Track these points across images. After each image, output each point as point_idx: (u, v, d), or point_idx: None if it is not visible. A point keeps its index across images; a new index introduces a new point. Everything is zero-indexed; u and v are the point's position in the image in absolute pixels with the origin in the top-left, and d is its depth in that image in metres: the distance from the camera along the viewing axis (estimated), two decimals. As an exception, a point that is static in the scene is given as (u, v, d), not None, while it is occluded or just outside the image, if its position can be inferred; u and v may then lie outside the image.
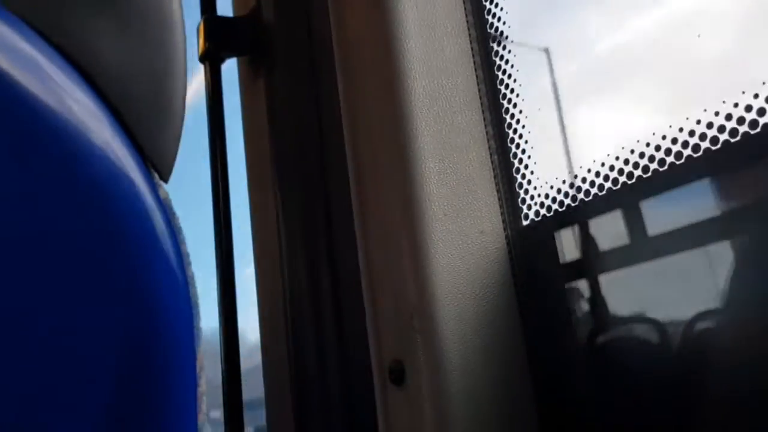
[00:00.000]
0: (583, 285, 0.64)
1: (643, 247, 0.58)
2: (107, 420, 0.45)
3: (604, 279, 0.62)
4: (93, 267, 0.45)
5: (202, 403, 0.57)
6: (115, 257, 0.46)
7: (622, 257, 0.61)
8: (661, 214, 0.56)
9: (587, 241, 0.64)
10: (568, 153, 0.64)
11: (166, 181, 0.52)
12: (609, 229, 0.61)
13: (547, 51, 0.67)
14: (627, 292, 0.60)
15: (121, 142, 0.47)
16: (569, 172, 0.62)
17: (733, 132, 0.49)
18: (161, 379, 0.50)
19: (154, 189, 0.49)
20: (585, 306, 0.64)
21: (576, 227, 0.63)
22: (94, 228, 0.45)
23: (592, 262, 0.63)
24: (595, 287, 0.63)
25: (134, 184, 0.47)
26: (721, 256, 0.52)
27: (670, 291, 0.56)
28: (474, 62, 0.71)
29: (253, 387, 0.96)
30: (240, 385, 0.85)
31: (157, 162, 0.51)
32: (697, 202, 0.53)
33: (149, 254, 0.48)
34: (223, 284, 0.88)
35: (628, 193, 0.57)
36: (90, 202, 0.45)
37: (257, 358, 0.94)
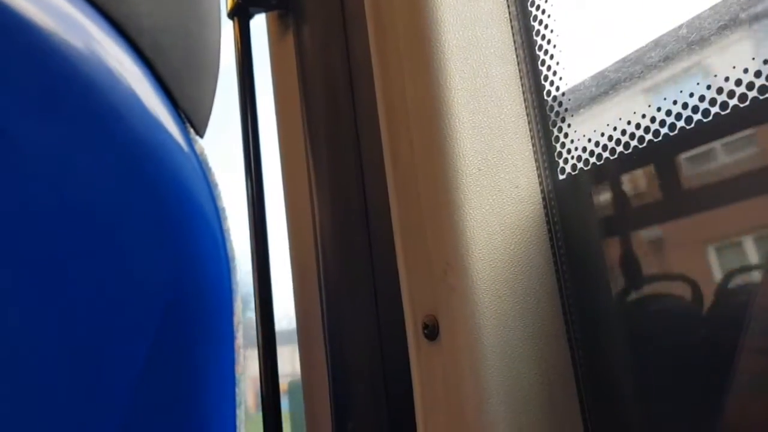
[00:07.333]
0: (620, 240, 0.63)
1: (681, 202, 0.57)
2: (147, 371, 0.46)
3: (641, 234, 0.61)
4: (130, 222, 0.45)
5: (239, 354, 0.57)
6: (151, 212, 0.46)
7: (660, 212, 0.59)
8: (701, 168, 0.55)
9: (625, 195, 0.63)
10: (607, 105, 0.62)
11: (201, 135, 0.51)
12: (647, 183, 0.60)
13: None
14: (665, 248, 0.59)
15: (156, 96, 0.47)
16: (608, 125, 0.60)
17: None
18: (199, 332, 0.51)
19: (190, 144, 0.49)
20: (622, 261, 0.63)
21: (614, 181, 0.62)
22: (130, 183, 0.45)
23: (629, 217, 0.62)
24: (632, 242, 0.62)
25: (170, 138, 0.46)
26: (764, 210, 0.50)
27: (710, 247, 0.55)
28: (510, 12, 0.69)
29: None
30: (276, 354, 0.86)
31: (193, 116, 0.50)
32: (737, 156, 0.52)
33: (186, 209, 0.48)
34: (257, 248, 0.88)
35: (669, 146, 0.56)
36: (126, 157, 0.45)
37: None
